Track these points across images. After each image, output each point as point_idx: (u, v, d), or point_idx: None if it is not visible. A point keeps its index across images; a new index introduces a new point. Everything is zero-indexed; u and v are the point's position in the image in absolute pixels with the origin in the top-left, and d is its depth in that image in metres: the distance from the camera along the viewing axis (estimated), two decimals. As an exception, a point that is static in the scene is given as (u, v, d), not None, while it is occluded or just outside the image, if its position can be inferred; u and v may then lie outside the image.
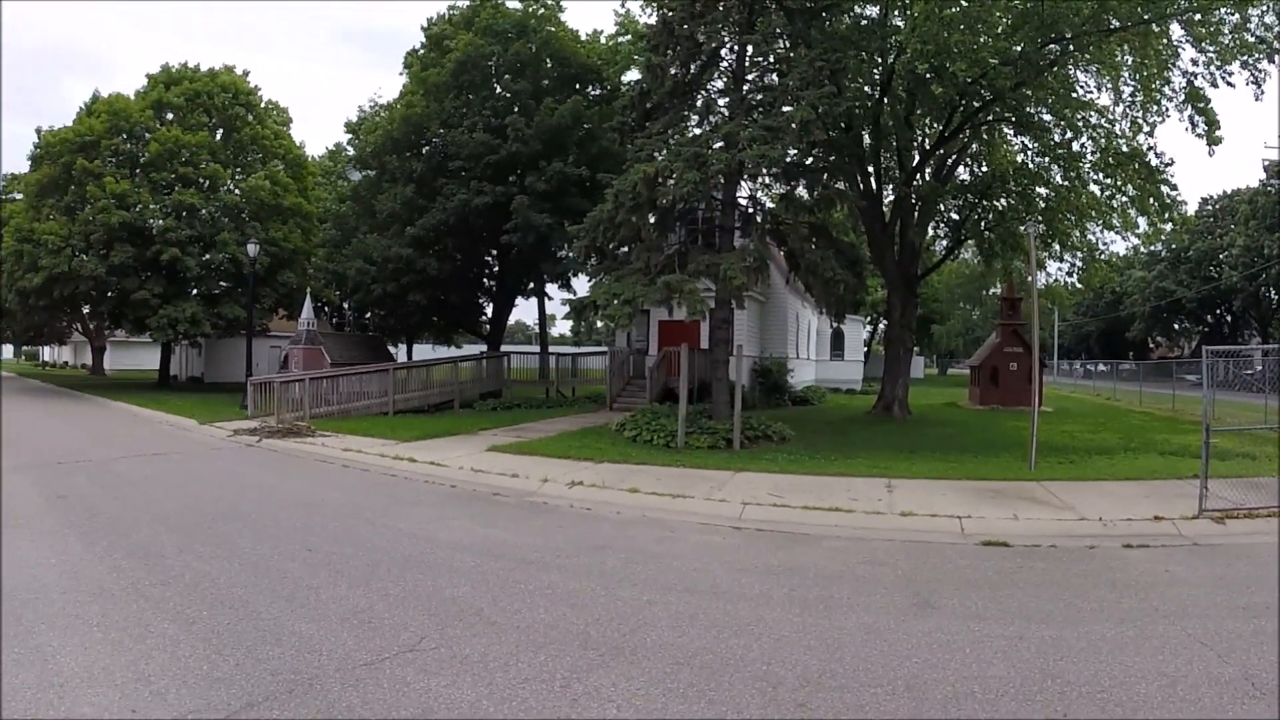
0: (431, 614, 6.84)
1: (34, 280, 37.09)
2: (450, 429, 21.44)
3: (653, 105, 20.49)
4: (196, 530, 10.23)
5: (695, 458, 15.93)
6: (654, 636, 6.26)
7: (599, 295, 19.48)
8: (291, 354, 32.34)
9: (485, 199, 32.07)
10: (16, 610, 7.08)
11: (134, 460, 17.11)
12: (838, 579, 7.90)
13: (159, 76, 42.24)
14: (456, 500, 12.59)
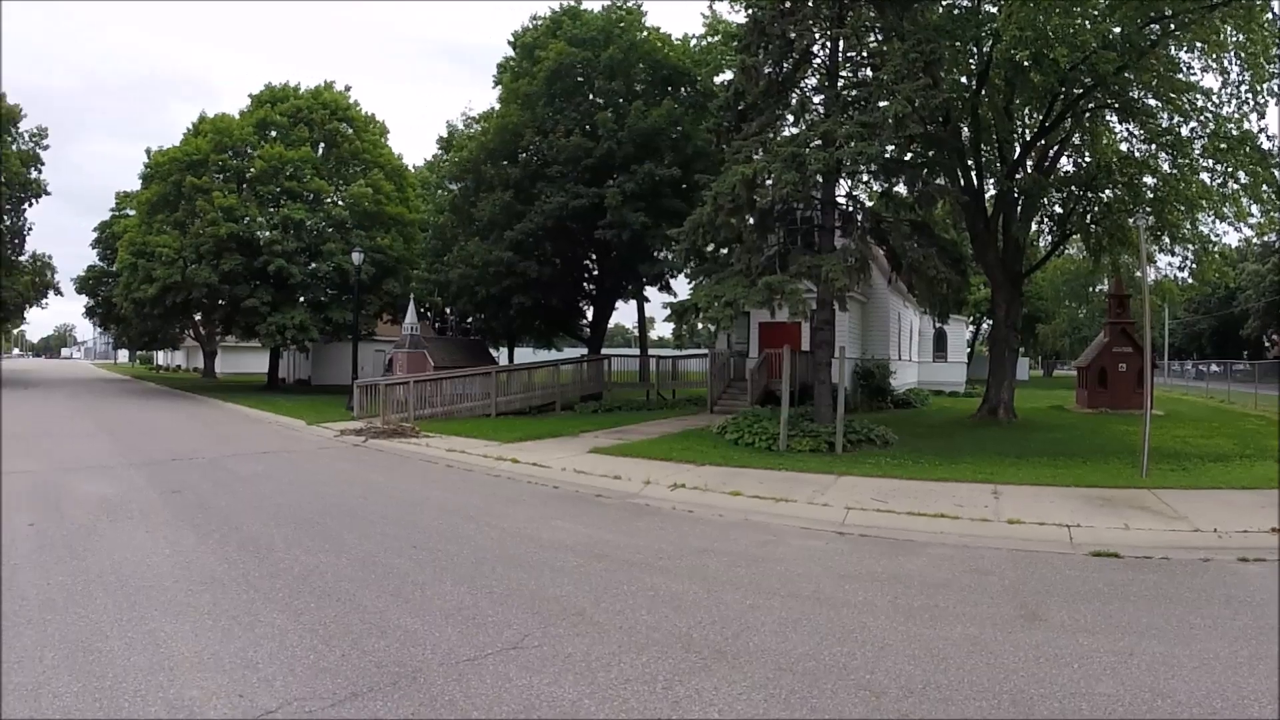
0: (535, 612, 6.93)
1: (149, 290, 38.99)
2: (552, 431, 21.72)
3: (747, 106, 20.34)
4: (305, 525, 10.60)
5: (797, 461, 15.84)
6: (757, 641, 6.24)
7: (700, 298, 19.45)
8: (396, 357, 33.02)
9: (581, 201, 32.42)
10: (131, 596, 7.44)
11: (245, 458, 17.72)
12: (943, 588, 7.76)
13: (262, 96, 44.15)
14: (559, 501, 12.74)
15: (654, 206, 32.15)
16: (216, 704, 5.18)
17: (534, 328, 42.60)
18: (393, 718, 5.00)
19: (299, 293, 40.30)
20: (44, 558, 8.93)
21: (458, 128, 48.95)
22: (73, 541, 9.71)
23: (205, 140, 41.18)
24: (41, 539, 9.88)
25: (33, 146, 50.38)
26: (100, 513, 11.49)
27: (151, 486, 13.78)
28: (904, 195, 20.96)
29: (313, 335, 39.88)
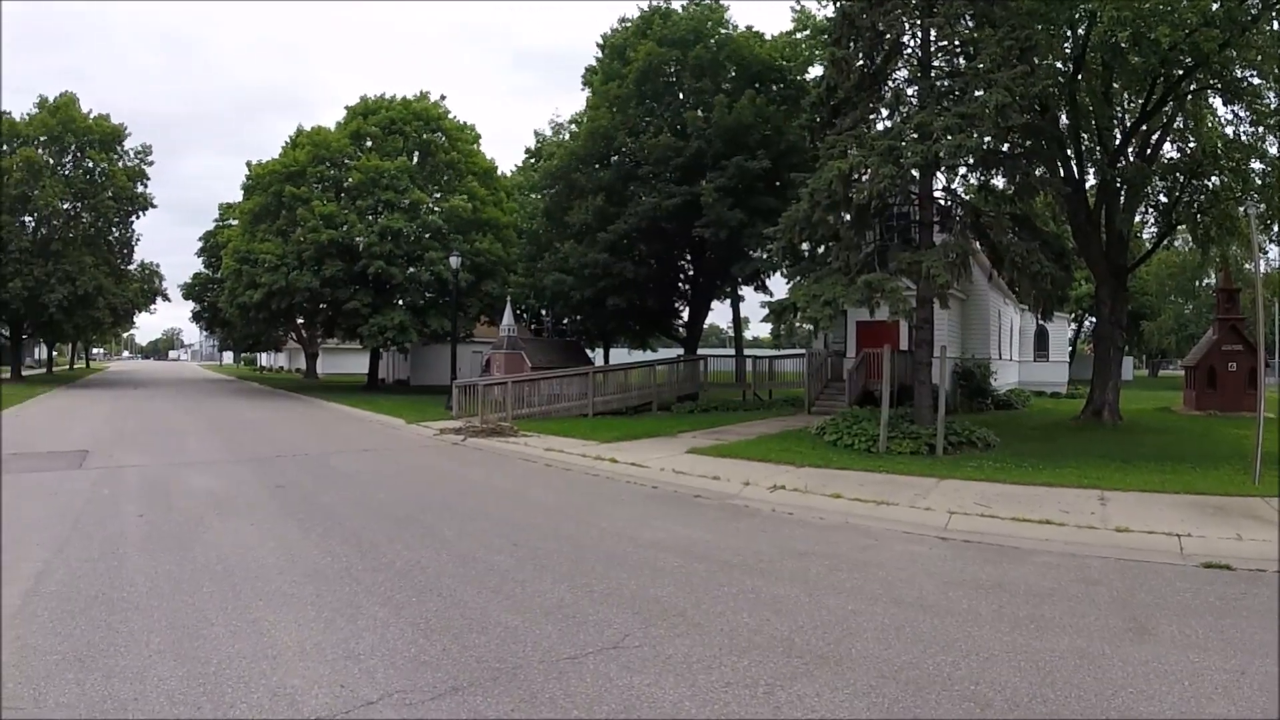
0: (635, 612, 7.02)
1: (254, 295, 40.45)
2: (649, 431, 21.87)
3: (840, 100, 20.08)
4: (406, 521, 10.89)
5: (898, 463, 15.69)
6: (859, 647, 6.23)
7: (798, 297, 19.21)
8: (493, 358, 33.56)
9: (674, 200, 32.46)
10: (236, 586, 7.75)
11: (347, 455, 18.25)
12: (1048, 597, 7.62)
13: (356, 108, 45.51)
14: (658, 501, 12.85)
15: (748, 204, 31.98)
16: (318, 693, 5.37)
17: (629, 328, 42.77)
18: (493, 714, 5.10)
19: (398, 295, 41.38)
20: (152, 547, 9.39)
21: (546, 135, 49.46)
22: (180, 533, 10.18)
23: (303, 152, 42.88)
24: (151, 529, 10.40)
25: (138, 163, 53.89)
26: (207, 506, 12.02)
27: (257, 481, 14.36)
28: (1003, 188, 20.48)
29: (412, 336, 40.82)
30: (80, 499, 12.52)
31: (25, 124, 49.79)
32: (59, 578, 8.13)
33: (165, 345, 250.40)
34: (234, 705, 5.20)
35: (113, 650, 6.15)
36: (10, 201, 46.97)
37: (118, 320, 63.11)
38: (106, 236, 55.04)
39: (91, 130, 51.74)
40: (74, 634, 6.52)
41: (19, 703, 5.28)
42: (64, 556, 8.95)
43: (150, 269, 62.10)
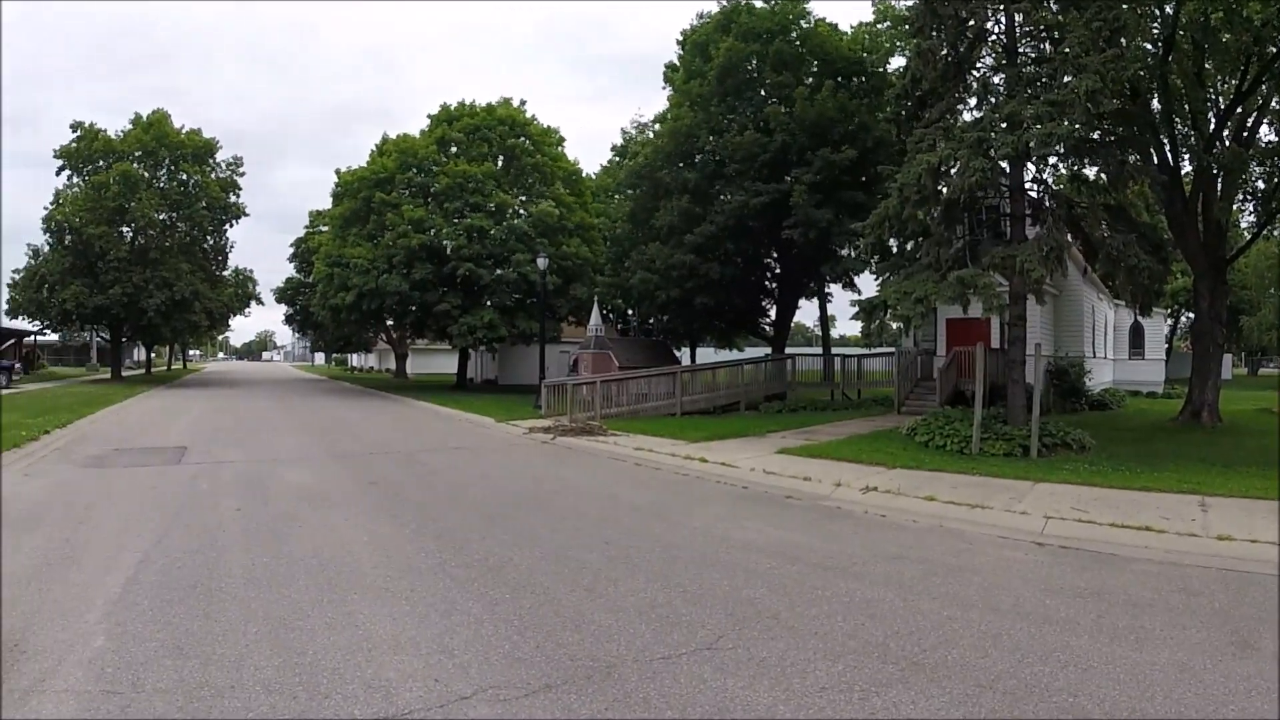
0: (729, 614, 6.94)
1: (345, 298, 41.63)
2: (738, 430, 21.72)
3: (926, 91, 19.72)
4: (498, 518, 10.97)
5: (991, 465, 15.32)
6: (955, 655, 6.07)
7: (889, 294, 18.87)
8: (581, 358, 33.72)
9: (761, 199, 32.21)
10: (331, 579, 7.87)
11: (438, 452, 18.49)
12: (1148, 608, 7.33)
13: (440, 115, 46.35)
14: (749, 501, 12.72)
15: (835, 200, 31.61)
16: (412, 686, 5.40)
17: (715, 327, 42.67)
18: (587, 713, 5.08)
19: (486, 297, 41.89)
20: (249, 540, 9.60)
21: (631, 134, 49.57)
22: (276, 526, 10.40)
23: (390, 159, 44.14)
24: (247, 522, 10.65)
25: (229, 174, 56.47)
26: (302, 501, 12.28)
27: (350, 478, 14.60)
28: (1094, 177, 19.87)
29: (501, 334, 41.35)
30: (179, 493, 12.90)
31: (120, 140, 52.46)
32: (158, 567, 8.38)
33: (259, 347, 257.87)
34: (329, 695, 5.28)
35: (210, 639, 6.30)
36: (109, 213, 49.61)
37: (213, 323, 65.54)
38: (201, 244, 57.62)
39: (184, 144, 54.24)
40: (172, 621, 6.69)
41: (118, 686, 5.44)
42: (163, 547, 9.22)
43: (244, 274, 64.48)
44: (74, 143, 52.07)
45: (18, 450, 17.38)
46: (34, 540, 9.63)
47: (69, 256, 50.02)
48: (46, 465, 16.19)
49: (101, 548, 9.27)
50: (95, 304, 49.12)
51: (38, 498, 12.55)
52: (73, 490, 13.26)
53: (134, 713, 5.07)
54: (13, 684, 5.51)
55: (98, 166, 51.49)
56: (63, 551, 9.08)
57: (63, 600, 7.34)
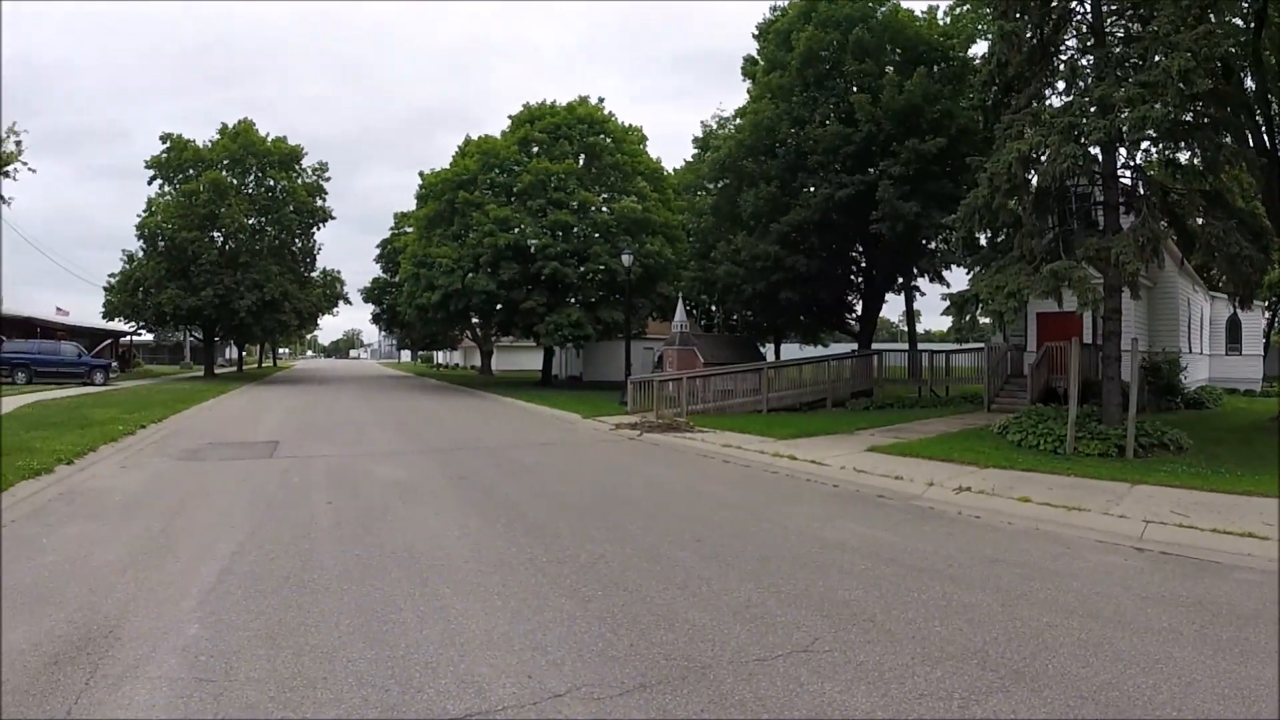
0: (824, 615, 6.78)
1: (431, 297, 42.35)
2: (825, 428, 21.43)
3: (1012, 76, 19.08)
4: (589, 514, 10.91)
5: (1086, 466, 14.75)
6: (1055, 663, 5.82)
7: (980, 288, 18.29)
8: (666, 354, 33.63)
9: (847, 191, 31.58)
10: (423, 574, 7.88)
11: (526, 448, 18.54)
12: (1253, 620, 6.93)
13: (520, 116, 46.99)
14: (839, 500, 12.50)
15: (923, 191, 30.83)
16: (505, 682, 5.35)
17: (800, 323, 42.24)
18: (682, 714, 4.98)
19: (571, 294, 42.31)
20: (341, 533, 9.69)
21: (712, 128, 49.34)
22: (368, 519, 10.48)
23: (473, 160, 44.85)
24: (339, 515, 10.76)
25: (315, 179, 58.29)
26: (392, 494, 12.39)
27: (439, 472, 14.72)
28: (1188, 162, 19.00)
29: (587, 333, 41.60)
30: (272, 486, 13.14)
31: (209, 150, 54.56)
32: (252, 558, 8.50)
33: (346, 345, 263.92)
34: (421, 689, 5.26)
35: (303, 629, 6.34)
36: (200, 219, 51.63)
37: (302, 322, 66.82)
38: (290, 247, 59.38)
39: (270, 152, 56.21)
40: (266, 612, 6.76)
41: (211, 674, 5.50)
42: (256, 538, 9.37)
43: (332, 275, 66.17)
44: (164, 153, 54.20)
45: (115, 444, 17.88)
46: (131, 530, 9.88)
47: (163, 261, 51.91)
48: (143, 458, 16.60)
49: (196, 538, 9.45)
50: (189, 305, 50.84)
51: (134, 489, 12.88)
52: (168, 482, 13.59)
53: (226, 701, 5.12)
54: (106, 669, 5.60)
55: (188, 175, 53.57)
56: (158, 541, 9.28)
57: (158, 588, 7.48)
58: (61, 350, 43.86)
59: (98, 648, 6.00)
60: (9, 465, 13.55)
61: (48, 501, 11.87)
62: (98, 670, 5.59)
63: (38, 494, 12.25)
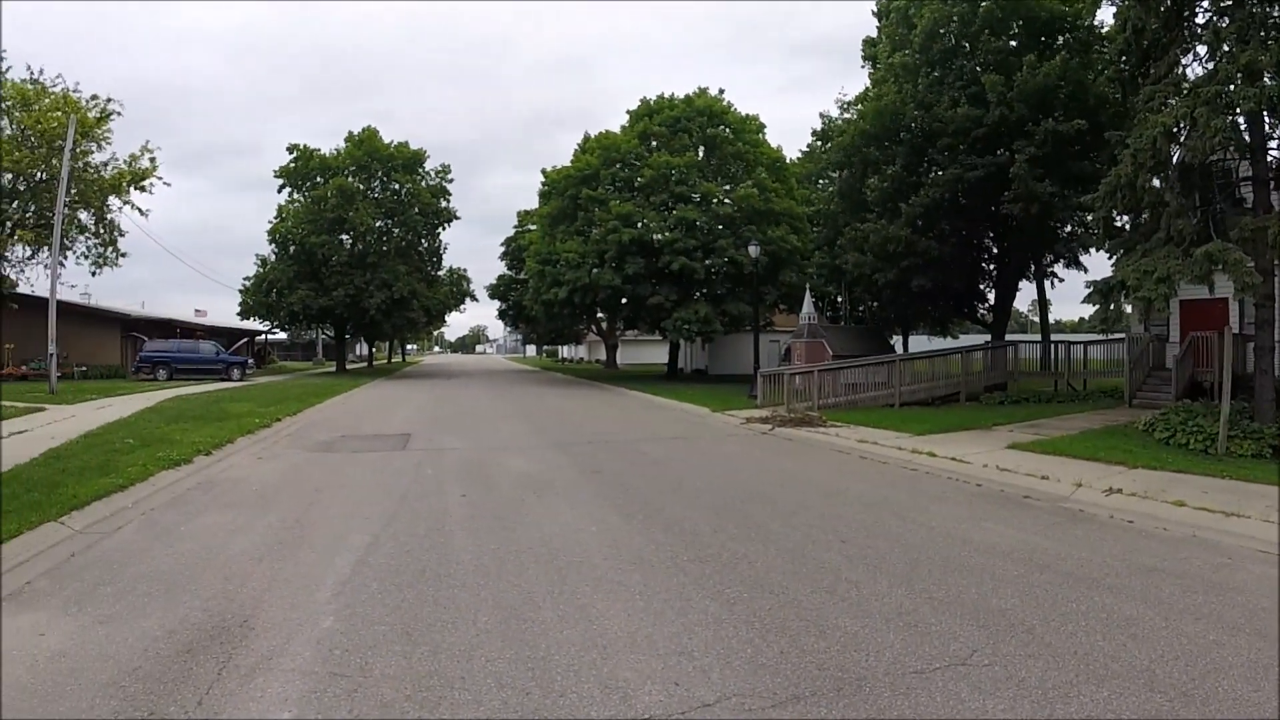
0: (980, 625, 6.37)
1: (558, 293, 43.01)
2: (962, 423, 20.73)
3: (1149, 44, 17.88)
4: (727, 511, 10.66)
5: (1241, 468, 13.58)
6: (1226, 686, 5.30)
7: (1127, 274, 17.04)
8: (793, 347, 33.16)
9: (977, 173, 30.20)
10: (561, 570, 7.77)
11: (656, 442, 18.39)
12: None
13: (639, 110, 47.25)
14: (984, 500, 11.93)
15: (1058, 171, 28.98)
16: (651, 689, 5.15)
17: (929, 314, 41.06)
18: (839, 731, 4.67)
19: (697, 288, 42.37)
20: (476, 526, 9.70)
21: (832, 117, 48.30)
22: (502, 514, 10.46)
23: (594, 156, 45.27)
24: (473, 509, 10.78)
25: (439, 181, 60.22)
26: (526, 488, 12.38)
27: (572, 466, 14.69)
28: None
29: (716, 328, 41.58)
30: (405, 478, 13.29)
31: (334, 158, 57.08)
32: (387, 550, 8.53)
33: (472, 341, 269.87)
34: (564, 694, 5.09)
35: (440, 626, 6.27)
36: (329, 223, 53.82)
37: (430, 320, 69.33)
38: (416, 247, 61.11)
39: (394, 157, 58.09)
40: (402, 606, 6.73)
41: (346, 669, 5.47)
42: (391, 530, 9.44)
43: (458, 273, 67.64)
44: (292, 163, 56.84)
45: (251, 436, 18.54)
46: (267, 520, 10.09)
47: (294, 264, 54.46)
48: (278, 450, 17.07)
49: (331, 529, 9.57)
50: (320, 305, 53.28)
51: (270, 480, 13.22)
52: (303, 474, 13.91)
53: (361, 698, 5.06)
54: (239, 660, 5.63)
55: (315, 182, 56.00)
56: (294, 532, 9.43)
57: (293, 579, 7.56)
58: (200, 348, 46.80)
59: (231, 638, 6.05)
60: (151, 456, 14.10)
61: (186, 491, 12.32)
62: (230, 660, 5.63)
63: (176, 484, 12.77)
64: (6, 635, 6.11)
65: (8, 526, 8.87)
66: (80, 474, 12.30)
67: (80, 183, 39.54)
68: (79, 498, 10.59)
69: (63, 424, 19.28)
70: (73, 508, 10.12)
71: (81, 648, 5.88)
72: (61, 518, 9.68)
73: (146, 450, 14.90)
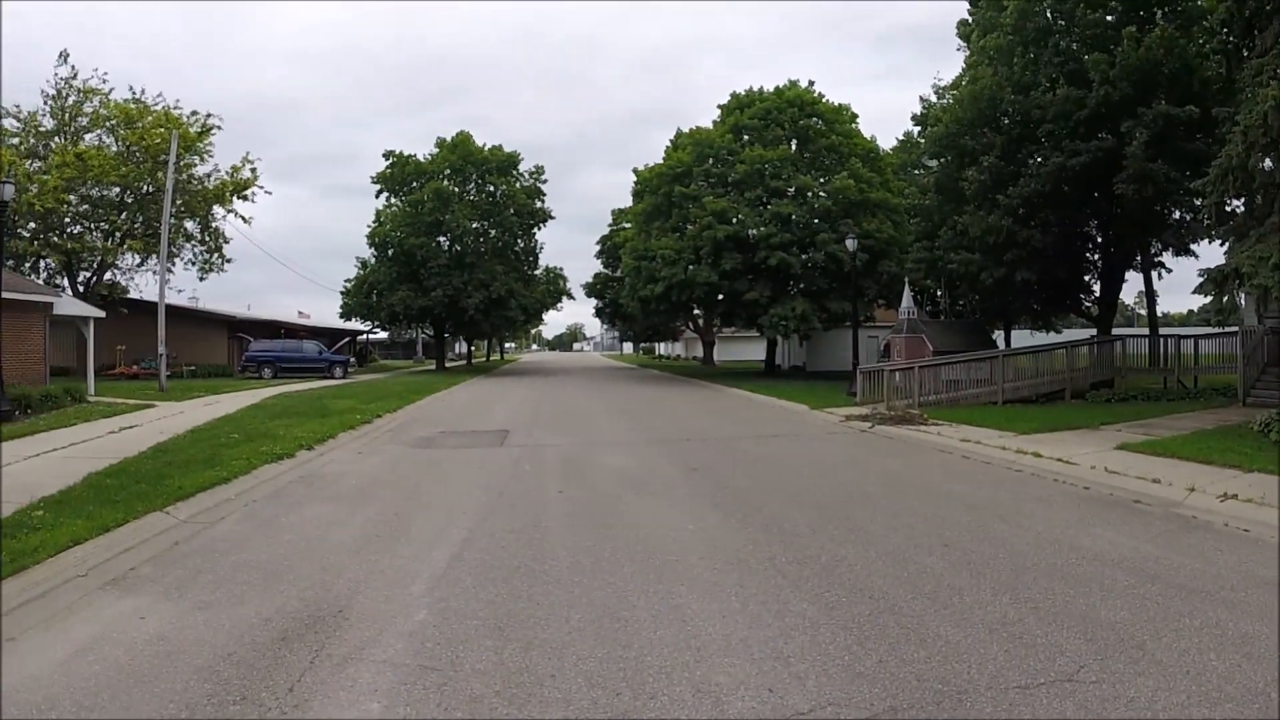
0: (1088, 639, 5.99)
1: (654, 290, 43.35)
2: (1067, 421, 19.87)
3: (1251, 13, 17.08)
4: (827, 511, 10.41)
5: None
6: None
7: (1242, 260, 16.11)
8: (893, 342, 32.61)
9: (1080, 159, 28.80)
10: (657, 569, 7.66)
11: (755, 440, 18.17)
12: None
13: (730, 105, 47.30)
14: (1092, 504, 11.34)
15: (1167, 154, 27.25)
16: (744, 694, 4.99)
17: (1031, 307, 39.70)
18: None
19: (793, 284, 41.98)
20: (573, 523, 9.67)
21: (930, 100, 47.23)
22: (599, 510, 10.43)
23: (685, 153, 45.57)
24: (570, 506, 10.75)
25: (533, 182, 61.44)
26: (623, 485, 12.33)
27: (670, 463, 14.58)
28: None
29: (813, 324, 41.20)
30: (503, 474, 13.38)
31: (429, 162, 58.57)
32: (482, 545, 8.58)
33: (569, 338, 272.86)
34: (655, 696, 4.98)
35: (532, 622, 6.23)
36: (426, 226, 55.55)
37: (528, 318, 70.28)
38: (513, 247, 62.42)
39: (488, 159, 59.53)
40: (495, 601, 6.73)
41: (436, 662, 5.48)
42: (488, 526, 9.49)
43: (554, 272, 68.75)
44: (388, 169, 58.70)
45: (352, 432, 18.95)
46: (366, 513, 10.28)
47: (393, 266, 56.39)
48: (378, 445, 17.38)
49: (428, 523, 9.67)
50: (419, 305, 55.08)
51: (370, 475, 13.47)
52: (402, 468, 14.14)
53: (450, 692, 5.04)
54: (332, 649, 5.71)
55: (411, 187, 57.93)
56: (392, 525, 9.57)
57: (388, 571, 7.64)
58: (303, 348, 48.87)
59: (326, 627, 6.15)
60: (254, 450, 14.59)
61: (288, 484, 12.66)
62: (323, 650, 5.72)
63: (278, 477, 13.13)
64: (109, 618, 6.42)
65: (113, 515, 9.29)
66: (186, 467, 12.75)
67: (185, 193, 42.86)
68: (184, 489, 10.99)
69: (171, 420, 19.98)
70: (178, 499, 10.51)
71: (180, 632, 6.07)
72: (167, 508, 10.06)
73: (250, 445, 15.35)
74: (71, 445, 15.49)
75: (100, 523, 8.92)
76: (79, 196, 41.94)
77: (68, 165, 39.27)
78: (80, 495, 10.52)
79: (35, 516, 9.16)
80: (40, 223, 40.56)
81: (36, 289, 28.86)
